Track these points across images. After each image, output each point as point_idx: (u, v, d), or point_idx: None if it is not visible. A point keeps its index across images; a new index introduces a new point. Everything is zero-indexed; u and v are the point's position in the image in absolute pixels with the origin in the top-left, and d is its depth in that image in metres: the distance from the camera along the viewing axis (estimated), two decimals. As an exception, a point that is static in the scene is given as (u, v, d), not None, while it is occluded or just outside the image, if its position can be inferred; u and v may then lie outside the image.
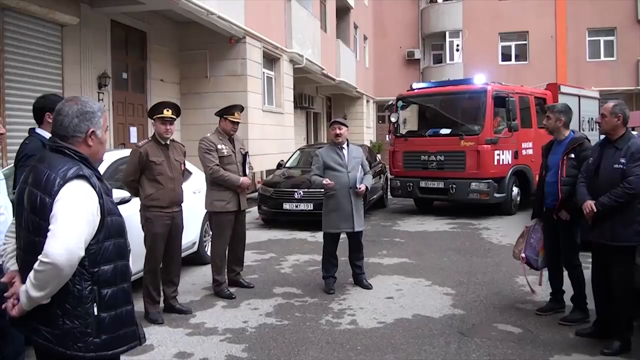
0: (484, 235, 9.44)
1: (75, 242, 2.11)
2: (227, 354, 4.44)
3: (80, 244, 2.13)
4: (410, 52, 31.27)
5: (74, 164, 2.23)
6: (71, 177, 2.18)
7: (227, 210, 5.88)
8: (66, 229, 2.11)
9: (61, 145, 2.29)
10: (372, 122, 31.76)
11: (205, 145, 5.85)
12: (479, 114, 11.11)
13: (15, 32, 8.47)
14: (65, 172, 2.19)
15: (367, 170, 6.35)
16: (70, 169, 2.20)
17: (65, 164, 2.22)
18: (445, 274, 6.83)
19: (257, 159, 13.98)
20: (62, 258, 2.08)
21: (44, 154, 2.34)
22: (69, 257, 2.09)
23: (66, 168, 2.20)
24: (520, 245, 5.34)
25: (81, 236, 2.14)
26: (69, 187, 2.17)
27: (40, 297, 2.14)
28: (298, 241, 9.23)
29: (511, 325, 4.93)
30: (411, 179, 11.85)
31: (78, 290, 2.19)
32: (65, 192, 2.16)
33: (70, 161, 2.25)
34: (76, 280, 2.18)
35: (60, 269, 2.08)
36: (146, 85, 12.43)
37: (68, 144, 2.31)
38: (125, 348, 2.35)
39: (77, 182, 2.20)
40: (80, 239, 2.13)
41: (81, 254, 2.14)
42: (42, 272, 2.10)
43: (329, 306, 5.64)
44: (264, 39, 14.51)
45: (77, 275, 2.18)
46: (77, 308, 2.19)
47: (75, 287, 2.18)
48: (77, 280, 2.18)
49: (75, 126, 2.31)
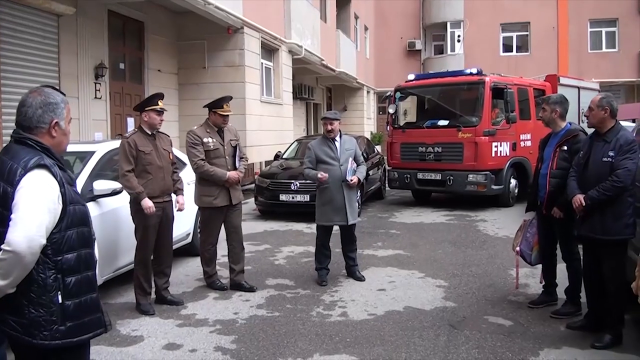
0: (480, 227, 9.42)
1: (36, 230, 2.15)
2: (216, 345, 4.43)
3: (41, 232, 2.17)
4: (411, 42, 31.10)
5: (36, 154, 2.27)
6: (32, 166, 2.22)
7: (214, 205, 5.73)
8: (27, 217, 2.14)
9: (24, 136, 2.33)
10: (373, 113, 31.66)
11: (191, 139, 5.68)
12: (477, 106, 11.06)
13: (11, 22, 8.41)
14: (26, 162, 2.23)
15: (360, 162, 6.29)
16: (31, 159, 2.24)
17: (27, 155, 2.26)
18: (439, 266, 6.81)
19: (254, 150, 13.98)
20: (22, 246, 2.11)
21: (9, 146, 2.37)
22: (30, 244, 2.12)
23: (27, 158, 2.24)
24: (518, 238, 5.32)
25: (42, 224, 2.18)
26: (30, 177, 2.21)
27: (5, 286, 2.17)
28: (294, 232, 9.22)
29: (502, 318, 4.91)
30: (409, 170, 11.83)
31: (42, 279, 2.23)
32: (26, 181, 2.20)
33: (32, 152, 2.29)
34: (40, 269, 2.22)
35: (22, 256, 2.12)
36: (144, 76, 12.39)
37: (32, 135, 2.34)
38: (91, 335, 2.40)
39: (38, 171, 2.23)
40: (40, 227, 2.17)
41: (42, 242, 2.18)
42: (4, 261, 2.13)
43: (321, 298, 5.63)
44: (262, 30, 14.44)
45: (41, 264, 2.22)
46: (42, 297, 2.23)
47: (39, 276, 2.22)
48: (40, 269, 2.22)
49: (39, 117, 2.35)
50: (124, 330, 4.80)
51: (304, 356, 4.20)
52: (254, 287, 5.97)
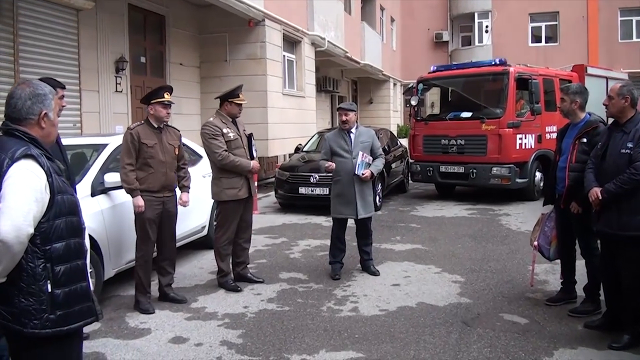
0: (502, 221, 9.20)
1: (23, 219, 2.16)
2: (223, 339, 4.38)
3: (28, 221, 2.18)
4: (438, 34, 30.69)
5: (23, 145, 2.30)
6: (19, 156, 2.24)
7: (238, 198, 5.59)
8: (14, 207, 2.16)
9: (11, 127, 2.35)
10: (399, 105, 31.35)
11: (210, 131, 5.52)
12: (501, 97, 10.78)
13: (30, 17, 8.47)
14: (13, 152, 2.25)
15: (377, 155, 6.11)
16: (18, 149, 2.26)
17: (15, 145, 2.29)
18: (457, 261, 6.66)
19: (276, 143, 13.96)
20: (10, 235, 2.12)
21: None
22: (17, 234, 2.13)
23: (15, 149, 2.26)
24: (536, 232, 5.15)
25: (29, 213, 2.19)
26: (17, 166, 2.23)
27: None
28: (312, 226, 9.14)
29: (517, 316, 4.74)
30: (431, 163, 11.63)
31: (31, 268, 2.24)
32: (13, 171, 2.22)
33: (19, 142, 2.31)
34: (29, 258, 2.23)
35: (10, 245, 2.13)
36: (165, 69, 12.44)
37: (22, 126, 2.37)
38: (81, 323, 2.41)
39: (25, 161, 2.25)
40: (28, 216, 2.18)
41: (30, 231, 2.19)
42: None
43: (333, 292, 5.53)
44: (284, 22, 14.36)
45: (30, 253, 2.23)
46: (32, 286, 2.24)
47: (29, 265, 2.24)
48: (29, 258, 2.24)
49: (28, 108, 2.38)
50: (132, 322, 4.78)
51: (309, 352, 4.11)
52: (260, 278, 5.94)
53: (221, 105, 5.72)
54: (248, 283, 5.86)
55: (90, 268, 4.94)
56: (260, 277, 6.03)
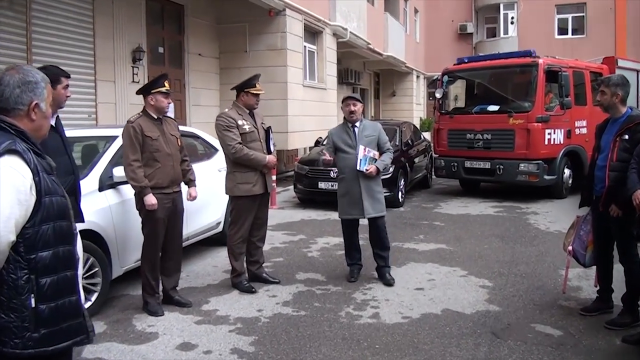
0: (531, 220, 8.79)
1: (3, 226, 1.89)
2: (234, 347, 4.10)
3: (9, 227, 1.90)
4: (462, 25, 30.03)
5: (8, 138, 2.00)
6: (1, 152, 1.96)
7: (253, 193, 5.29)
8: None
9: None
10: (423, 98, 30.80)
11: (224, 122, 5.23)
12: (530, 90, 10.35)
13: (43, 5, 8.25)
14: None
15: (384, 149, 5.66)
16: (1, 143, 1.96)
17: None
18: (484, 263, 6.30)
19: (296, 136, 13.64)
20: None
21: None
22: None
23: None
24: (570, 236, 4.78)
25: (10, 218, 1.91)
26: None
27: None
28: (332, 222, 8.80)
29: (551, 327, 4.38)
30: (456, 158, 11.26)
31: (12, 280, 1.96)
32: None
33: (4, 135, 2.01)
34: (10, 269, 1.96)
35: None
36: (183, 60, 12.18)
37: (9, 117, 2.08)
38: (69, 343, 2.13)
39: (8, 157, 1.96)
40: (8, 222, 1.90)
41: (11, 239, 1.92)
42: None
43: (352, 296, 5.22)
44: (305, 12, 14.00)
45: (12, 262, 1.96)
46: (13, 300, 1.96)
47: (10, 276, 1.96)
48: (11, 268, 1.96)
49: (16, 97, 2.09)
50: (140, 325, 4.53)
51: (326, 364, 3.82)
52: (276, 278, 5.67)
53: (237, 96, 5.44)
54: (263, 283, 5.58)
55: (97, 267, 4.73)
56: (277, 277, 5.75)
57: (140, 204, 4.65)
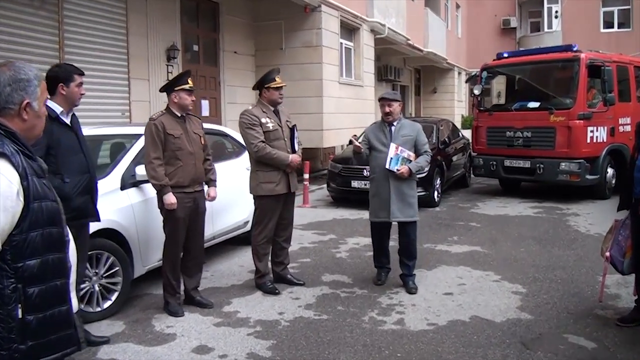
0: (571, 222, 8.42)
1: None
2: (250, 351, 3.99)
3: None
4: (505, 20, 29.31)
5: None
6: None
7: (276, 193, 5.18)
8: None
9: None
10: (464, 95, 30.19)
11: (247, 120, 5.14)
12: (571, 86, 9.93)
13: (75, 4, 8.32)
14: None
15: (422, 151, 5.36)
16: None
17: None
18: (519, 267, 6.02)
19: (332, 134, 13.50)
20: None
21: None
22: None
23: None
24: (607, 241, 4.49)
25: None
26: None
27: None
28: (364, 222, 8.60)
29: (584, 338, 4.10)
30: (495, 157, 10.92)
31: None
32: None
33: None
34: None
35: None
36: (219, 58, 12.18)
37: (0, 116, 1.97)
38: (58, 355, 2.02)
39: None
40: None
41: None
42: None
43: (378, 300, 5.05)
44: (342, 8, 13.83)
45: None
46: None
47: None
48: None
49: (7, 96, 1.98)
50: (158, 326, 4.47)
51: (343, 372, 3.67)
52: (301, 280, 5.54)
53: (260, 93, 5.33)
54: (287, 285, 5.46)
55: (117, 266, 4.70)
56: (301, 278, 5.62)
57: (161, 203, 4.59)
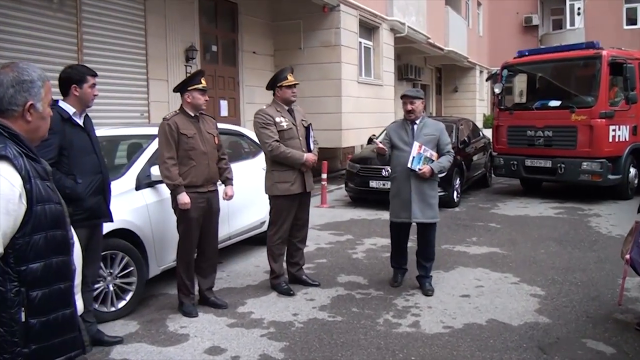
0: (592, 223, 8.26)
1: None
2: (263, 352, 3.96)
3: None
4: (527, 17, 28.95)
5: None
6: None
7: (291, 193, 5.16)
8: None
9: None
10: (486, 94, 29.87)
11: (262, 119, 5.14)
12: (593, 84, 9.75)
13: (93, 6, 8.38)
14: None
15: (444, 151, 5.27)
16: None
17: None
18: (538, 269, 5.91)
19: (351, 133, 13.44)
20: None
21: None
22: None
23: None
24: (628, 244, 4.37)
25: None
26: None
27: None
28: (382, 222, 8.55)
29: (603, 343, 4.01)
30: (515, 156, 10.79)
31: (1, 293, 1.83)
32: None
33: None
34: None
35: None
36: (237, 58, 12.20)
37: (2, 118, 1.95)
38: (62, 358, 1.99)
39: None
40: None
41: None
42: None
43: (393, 302, 5.00)
44: (361, 7, 13.76)
45: (0, 274, 1.83)
46: (1, 313, 1.84)
47: None
48: (0, 280, 1.83)
49: (10, 97, 1.95)
50: (172, 326, 4.47)
51: (355, 375, 3.62)
52: (316, 281, 5.51)
53: (274, 93, 5.32)
54: (303, 286, 5.44)
55: (132, 266, 4.71)
56: (317, 280, 5.59)
57: (175, 203, 4.59)
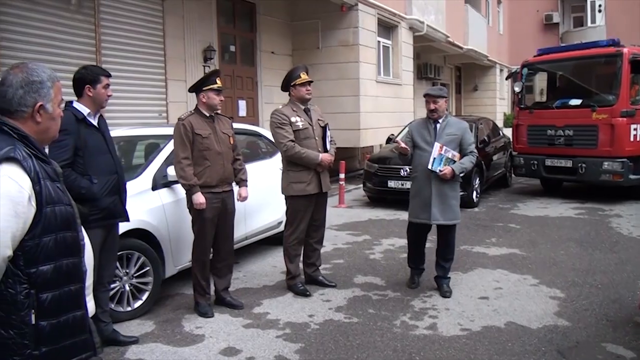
0: (613, 224, 8.12)
1: None
2: (278, 354, 3.95)
3: (5, 242, 1.77)
4: (548, 15, 28.57)
5: (8, 143, 1.85)
6: None
7: (306, 193, 5.13)
8: None
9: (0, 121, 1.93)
10: (506, 93, 29.56)
11: (277, 119, 5.11)
12: (614, 82, 9.58)
13: (111, 7, 8.45)
14: None
15: (467, 152, 5.15)
16: (1, 149, 1.82)
17: None
18: (558, 271, 5.82)
19: (369, 133, 13.39)
20: None
21: None
22: None
23: None
24: (650, 244, 4.30)
25: (6, 232, 1.77)
26: None
27: None
28: (400, 223, 8.51)
29: (623, 347, 3.92)
30: (536, 156, 10.66)
31: (11, 295, 1.83)
32: None
33: (5, 140, 1.87)
34: (9, 283, 1.82)
35: None
36: (256, 58, 12.22)
37: (12, 119, 1.94)
38: None
39: (5, 166, 1.80)
40: (4, 236, 1.76)
41: (7, 254, 1.78)
42: None
43: (410, 303, 4.95)
44: (379, 6, 13.70)
45: (10, 277, 1.82)
46: (12, 316, 1.83)
47: (8, 291, 1.82)
48: (10, 283, 1.82)
49: (19, 98, 1.95)
50: (188, 326, 4.48)
51: (370, 378, 3.60)
52: (332, 282, 5.49)
53: (289, 92, 5.30)
54: (319, 287, 5.42)
55: (148, 266, 4.73)
56: (333, 280, 5.57)
57: (190, 203, 4.60)
